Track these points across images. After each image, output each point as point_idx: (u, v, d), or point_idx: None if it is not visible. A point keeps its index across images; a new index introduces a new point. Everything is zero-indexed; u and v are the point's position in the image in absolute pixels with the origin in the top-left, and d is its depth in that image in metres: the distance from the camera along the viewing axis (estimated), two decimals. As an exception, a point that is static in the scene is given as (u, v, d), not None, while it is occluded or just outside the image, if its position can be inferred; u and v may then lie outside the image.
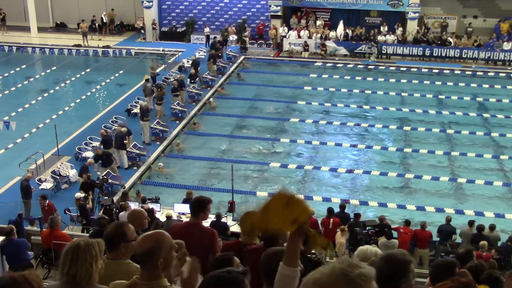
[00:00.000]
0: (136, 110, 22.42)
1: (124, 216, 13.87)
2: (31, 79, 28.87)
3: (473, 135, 22.34)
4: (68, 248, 3.53)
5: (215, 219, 13.92)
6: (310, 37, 32.33)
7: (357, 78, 29.02)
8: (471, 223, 14.37)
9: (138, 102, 23.23)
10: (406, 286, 3.43)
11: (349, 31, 32.41)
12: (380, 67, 30.36)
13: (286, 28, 33.00)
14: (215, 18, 35.36)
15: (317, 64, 31.20)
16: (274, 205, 3.08)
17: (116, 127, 20.45)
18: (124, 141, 19.02)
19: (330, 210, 14.68)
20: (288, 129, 23.29)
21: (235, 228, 14.15)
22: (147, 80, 23.79)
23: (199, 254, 4.62)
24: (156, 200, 15.89)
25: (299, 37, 32.52)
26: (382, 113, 24.59)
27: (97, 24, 36.14)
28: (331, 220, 14.40)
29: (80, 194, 15.56)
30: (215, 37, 31.37)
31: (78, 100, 25.84)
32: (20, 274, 3.06)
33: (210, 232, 5.88)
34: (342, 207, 15.30)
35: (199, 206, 5.79)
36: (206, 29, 33.37)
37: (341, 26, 32.25)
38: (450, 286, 3.04)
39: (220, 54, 29.48)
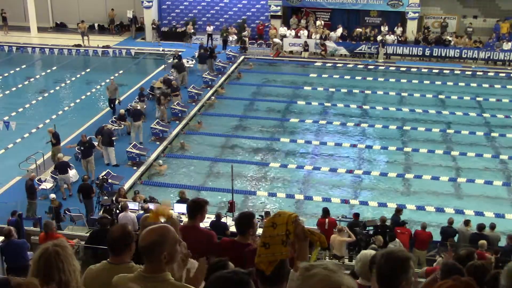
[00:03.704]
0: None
1: (124, 217, 13.86)
2: (31, 79, 28.86)
3: (473, 135, 22.34)
4: (38, 255, 3.45)
5: (215, 219, 13.91)
6: (310, 37, 32.32)
7: (357, 78, 29.02)
8: (466, 222, 14.38)
9: (137, 102, 23.25)
10: (406, 283, 3.44)
11: (346, 32, 32.48)
12: (380, 67, 30.36)
13: (285, 28, 32.99)
14: (215, 18, 35.36)
15: (317, 64, 31.20)
16: (268, 235, 3.26)
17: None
18: (113, 138, 19.30)
19: (325, 210, 14.64)
20: (288, 129, 23.30)
21: (234, 228, 14.12)
22: (158, 88, 23.91)
23: (198, 256, 4.62)
24: (151, 200, 15.87)
25: (297, 36, 32.50)
26: (382, 113, 24.59)
27: (97, 25, 36.31)
28: (327, 220, 14.37)
29: (54, 195, 15.68)
30: (202, 44, 31.07)
31: (78, 100, 25.83)
32: (17, 282, 3.04)
33: (208, 234, 5.86)
34: (398, 211, 15.11)
35: (196, 208, 5.75)
36: (209, 28, 33.39)
37: (340, 30, 32.34)
38: (451, 285, 3.05)
39: (214, 55, 29.26)
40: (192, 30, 34.05)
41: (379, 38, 31.47)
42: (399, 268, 3.43)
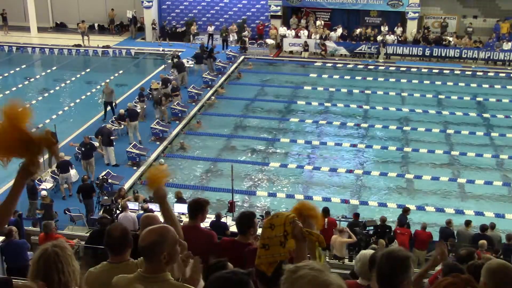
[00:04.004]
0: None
1: (124, 217, 13.85)
2: (31, 79, 28.86)
3: (473, 135, 22.34)
4: (37, 256, 3.46)
5: (215, 219, 13.91)
6: (310, 37, 32.34)
7: (357, 78, 29.02)
8: (467, 223, 14.35)
9: (137, 102, 23.26)
10: (407, 282, 3.45)
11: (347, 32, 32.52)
12: (380, 67, 30.37)
13: (285, 28, 33.02)
14: (215, 18, 35.37)
15: (317, 64, 31.21)
16: (266, 237, 3.26)
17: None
18: (112, 137, 19.34)
19: (325, 210, 14.60)
20: (288, 129, 23.30)
21: (234, 228, 14.11)
22: (155, 89, 23.81)
23: (199, 256, 4.62)
24: (151, 200, 15.83)
25: (297, 36, 32.52)
26: (382, 113, 24.59)
27: (97, 25, 36.37)
28: (326, 220, 14.34)
29: (45, 192, 15.64)
30: (202, 44, 31.04)
31: (78, 100, 25.83)
32: (17, 286, 3.04)
33: (209, 234, 5.86)
34: (406, 211, 15.01)
35: (197, 208, 5.75)
36: (210, 28, 33.44)
37: (339, 30, 32.38)
38: (450, 282, 3.06)
39: (214, 55, 29.20)
40: (196, 31, 34.00)
41: (379, 38, 31.47)
42: (399, 267, 3.44)
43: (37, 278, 3.36)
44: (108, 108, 23.21)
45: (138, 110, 22.38)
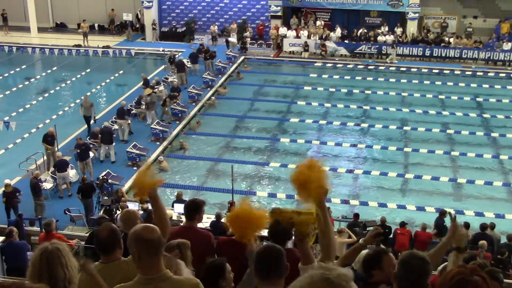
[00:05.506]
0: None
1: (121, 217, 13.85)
2: (31, 79, 28.86)
3: (473, 135, 22.33)
4: (38, 255, 3.44)
5: (215, 219, 13.92)
6: (309, 37, 32.34)
7: (357, 78, 29.02)
8: (467, 225, 14.25)
9: (137, 104, 23.24)
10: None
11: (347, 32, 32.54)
12: (380, 67, 30.37)
13: (285, 28, 33.05)
14: (215, 18, 35.37)
15: (317, 64, 31.21)
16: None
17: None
18: (114, 135, 19.81)
19: None
20: (288, 129, 23.30)
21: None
22: (148, 95, 23.69)
23: (196, 257, 4.62)
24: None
25: (298, 37, 32.52)
26: (382, 113, 24.58)
27: (97, 25, 36.38)
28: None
29: (9, 180, 15.53)
30: (200, 45, 31.02)
31: (78, 100, 25.79)
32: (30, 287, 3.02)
33: (206, 235, 5.84)
34: (442, 213, 14.81)
35: (194, 209, 5.74)
36: (213, 28, 33.48)
37: (338, 30, 32.39)
38: (457, 272, 3.06)
39: (211, 55, 29.16)
40: (217, 31, 33.88)
41: (382, 38, 31.46)
42: (429, 267, 3.64)
43: (41, 276, 3.30)
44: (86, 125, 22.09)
45: (134, 111, 22.46)
